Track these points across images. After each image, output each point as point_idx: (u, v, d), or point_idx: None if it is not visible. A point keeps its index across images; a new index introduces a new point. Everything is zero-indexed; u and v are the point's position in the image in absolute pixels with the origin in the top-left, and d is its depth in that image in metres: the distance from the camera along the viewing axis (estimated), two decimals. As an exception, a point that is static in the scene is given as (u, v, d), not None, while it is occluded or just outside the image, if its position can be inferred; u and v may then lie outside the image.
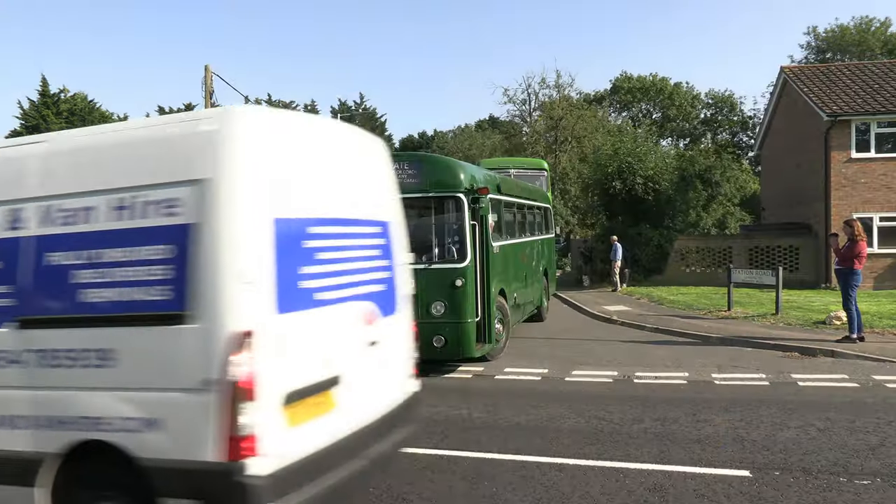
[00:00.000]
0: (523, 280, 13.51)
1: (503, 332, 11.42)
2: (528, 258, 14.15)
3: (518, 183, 15.40)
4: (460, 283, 9.80)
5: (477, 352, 10.18)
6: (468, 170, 10.75)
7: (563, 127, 38.80)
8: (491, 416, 7.79)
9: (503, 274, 11.55)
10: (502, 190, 12.29)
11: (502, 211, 12.18)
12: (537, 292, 15.29)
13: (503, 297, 11.44)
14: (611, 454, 6.32)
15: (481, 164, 22.09)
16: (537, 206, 16.21)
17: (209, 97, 24.22)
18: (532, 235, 15.18)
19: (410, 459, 6.27)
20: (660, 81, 55.48)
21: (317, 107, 61.93)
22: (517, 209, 13.98)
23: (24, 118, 53.36)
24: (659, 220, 26.20)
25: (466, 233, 9.96)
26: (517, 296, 12.75)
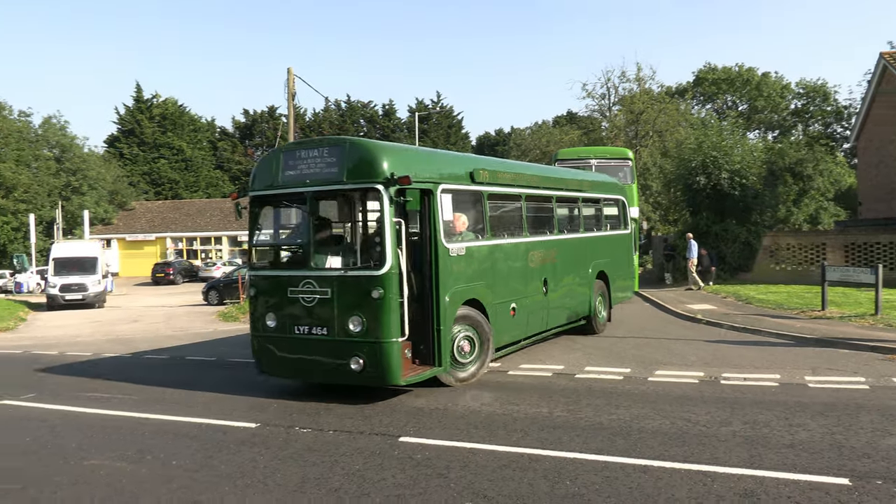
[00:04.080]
0: (536, 287, 11.29)
1: (475, 353, 9.44)
2: (549, 261, 11.78)
3: (545, 170, 13.49)
4: (378, 295, 7.99)
5: (408, 378, 8.34)
6: (396, 154, 8.68)
7: (644, 121, 37.91)
8: (572, 415, 7.68)
9: (479, 281, 9.64)
10: (487, 179, 10.19)
11: (486, 205, 10.05)
12: (577, 301, 12.87)
13: (479, 309, 9.55)
14: (698, 457, 6.11)
15: (559, 154, 21.70)
16: (587, 199, 13.98)
17: (291, 99, 24.84)
18: (568, 233, 12.98)
19: (490, 456, 6.25)
20: (746, 72, 53.50)
21: (394, 106, 62.64)
22: (534, 202, 11.96)
23: (120, 122, 56.21)
24: (746, 216, 25.23)
25: (387, 233, 8.04)
26: (516, 306, 10.57)
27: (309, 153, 8.65)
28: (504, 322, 10.24)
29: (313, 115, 61.02)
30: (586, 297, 13.19)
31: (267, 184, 8.98)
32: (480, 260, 9.77)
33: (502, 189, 10.70)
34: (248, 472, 6.00)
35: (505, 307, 10.30)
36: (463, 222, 9.74)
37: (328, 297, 8.32)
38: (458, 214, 9.60)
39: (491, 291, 9.88)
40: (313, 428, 7.39)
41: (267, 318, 8.84)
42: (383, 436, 7.01)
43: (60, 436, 7.41)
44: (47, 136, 52.13)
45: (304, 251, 8.84)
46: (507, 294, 10.39)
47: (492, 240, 10.18)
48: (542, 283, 11.48)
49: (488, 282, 9.87)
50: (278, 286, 8.79)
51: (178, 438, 7.16)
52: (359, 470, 5.97)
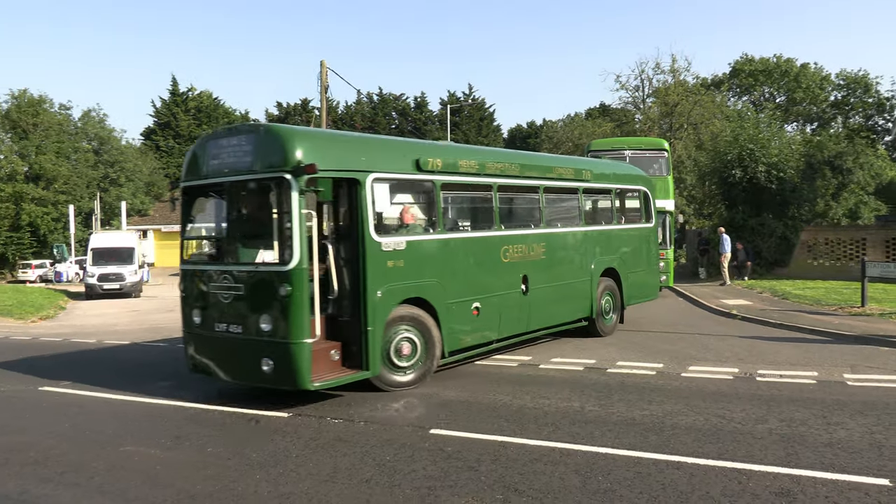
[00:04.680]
0: (512, 285, 10.40)
1: (418, 356, 8.77)
2: (532, 257, 10.80)
3: (529, 158, 12.37)
4: (285, 292, 7.44)
5: (325, 382, 7.73)
6: (310, 141, 8.02)
7: (679, 113, 37.39)
8: (603, 409, 7.61)
9: (427, 278, 8.93)
10: (441, 168, 9.30)
11: (439, 196, 9.24)
12: (574, 300, 11.81)
13: (427, 308, 8.91)
14: (732, 454, 6.01)
15: (591, 145, 21.33)
16: (591, 189, 12.74)
17: (324, 92, 24.96)
18: (562, 226, 11.90)
19: (521, 450, 6.22)
20: (784, 63, 52.30)
21: (426, 98, 62.64)
22: (512, 192, 11.15)
23: (156, 115, 57.09)
24: (783, 210, 24.80)
25: (295, 226, 7.48)
26: (481, 306, 9.76)
27: (229, 141, 8.27)
28: (464, 322, 9.51)
29: (345, 107, 61.33)
30: (586, 297, 12.11)
31: (193, 174, 8.68)
32: (430, 255, 9.08)
33: (464, 179, 9.86)
34: (280, 461, 6.05)
35: (465, 306, 9.52)
36: (411, 214, 9.21)
37: (243, 294, 7.93)
38: (406, 206, 9.21)
39: (443, 289, 9.12)
40: (344, 418, 7.43)
41: (193, 313, 8.52)
42: (414, 427, 7.02)
43: (98, 422, 7.56)
44: (86, 128, 53.19)
45: (223, 245, 8.63)
46: (469, 292, 9.60)
47: (446, 233, 9.47)
48: (522, 280, 10.56)
49: (441, 279, 9.13)
50: (201, 281, 8.48)
51: (212, 426, 7.25)
52: (389, 461, 5.99)
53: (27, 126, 50.25)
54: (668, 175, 20.06)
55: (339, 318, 8.29)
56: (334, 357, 8.11)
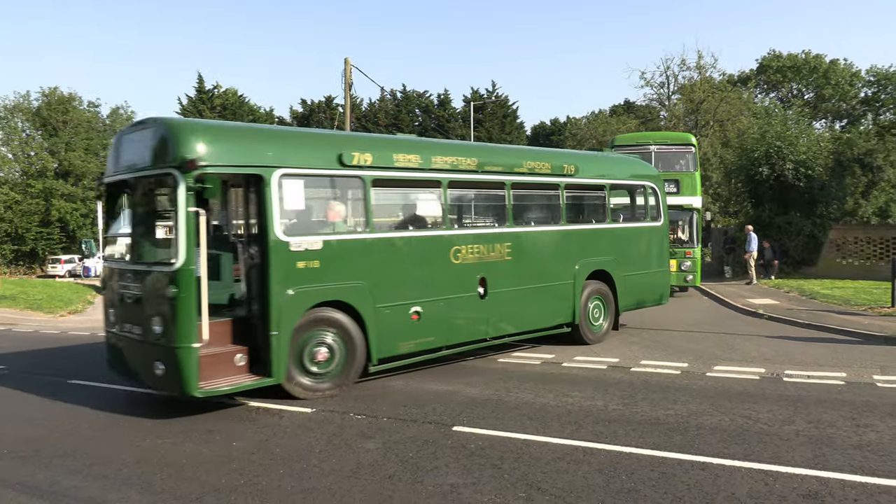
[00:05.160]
0: (465, 288, 9.69)
1: (336, 362, 8.29)
2: (493, 258, 10.02)
3: (493, 151, 11.74)
4: (171, 294, 7.09)
5: (210, 388, 7.30)
6: (203, 135, 7.51)
7: (705, 110, 37.00)
8: (627, 408, 7.56)
9: (351, 280, 8.38)
10: (371, 163, 8.68)
11: (369, 193, 8.65)
12: (550, 305, 10.98)
13: (347, 313, 8.36)
14: (758, 455, 5.95)
15: (616, 140, 20.96)
16: (575, 185, 11.66)
17: (349, 89, 25.06)
18: (536, 225, 11.26)
19: (544, 448, 6.20)
20: (813, 59, 51.51)
21: (450, 95, 62.58)
22: (468, 188, 10.57)
23: (182, 113, 57.66)
24: (811, 209, 24.43)
25: (181, 225, 7.09)
26: (423, 310, 9.13)
27: (134, 136, 8.04)
28: (400, 328, 8.93)
29: (369, 104, 61.47)
30: (567, 301, 11.20)
31: (110, 170, 8.52)
32: (354, 256, 8.50)
33: (402, 174, 9.19)
34: (303, 456, 6.09)
35: (401, 311, 8.92)
36: (336, 212, 8.81)
37: (140, 295, 7.72)
38: (331, 203, 8.86)
39: (371, 292, 8.54)
40: (367, 414, 7.46)
41: (108, 312, 8.48)
42: (437, 424, 7.03)
43: (125, 415, 7.67)
44: (115, 125, 53.93)
45: (128, 243, 8.38)
46: (406, 295, 8.99)
47: (377, 233, 8.81)
48: (479, 283, 9.85)
49: (369, 281, 8.55)
50: (112, 280, 8.38)
51: (237, 421, 7.32)
52: (412, 458, 6.01)
53: (57, 123, 51.13)
54: (696, 171, 19.64)
55: (251, 321, 7.91)
56: (239, 362, 7.69)
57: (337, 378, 8.32)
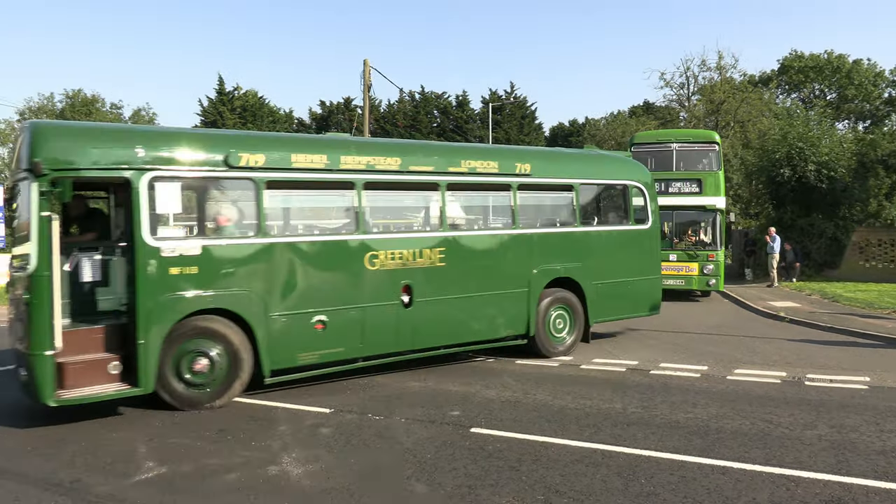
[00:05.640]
0: (384, 296, 9.03)
1: (215, 373, 7.83)
2: (422, 263, 9.33)
3: (424, 148, 10.75)
4: (25, 300, 6.90)
5: (68, 396, 7.04)
6: (58, 137, 7.29)
7: (725, 111, 36.72)
8: (646, 411, 7.51)
9: (239, 287, 7.94)
10: (263, 164, 8.20)
11: (262, 195, 8.17)
12: (497, 315, 10.12)
13: (235, 321, 7.95)
14: (780, 460, 5.88)
15: (635, 138, 20.54)
16: (531, 185, 10.75)
17: (367, 90, 25.14)
18: (481, 229, 10.54)
19: (562, 450, 6.18)
20: (836, 59, 50.89)
21: (468, 97, 62.58)
22: (391, 190, 9.79)
23: (203, 115, 58.17)
24: (833, 210, 24.16)
25: (34, 229, 6.86)
26: (329, 319, 8.56)
27: (18, 140, 7.85)
28: (300, 338, 8.42)
29: (388, 106, 61.64)
30: (519, 311, 10.32)
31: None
32: (242, 262, 8.05)
33: (304, 176, 8.65)
34: (322, 457, 6.11)
35: (301, 320, 8.41)
36: (225, 216, 8.51)
37: (12, 300, 7.77)
38: (221, 206, 8.59)
39: (263, 300, 8.09)
40: (385, 415, 7.47)
41: None
42: (455, 426, 7.03)
43: (146, 414, 7.73)
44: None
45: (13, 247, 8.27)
46: (309, 304, 8.47)
47: (271, 238, 8.35)
48: (402, 290, 9.19)
49: (261, 288, 8.10)
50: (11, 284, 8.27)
51: (256, 420, 7.36)
52: (430, 459, 6.01)
53: (80, 125, 51.72)
54: (719, 170, 19.12)
55: (129, 328, 7.64)
56: (113, 370, 7.43)
57: (218, 389, 7.88)
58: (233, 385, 7.97)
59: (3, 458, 6.25)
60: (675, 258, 18.64)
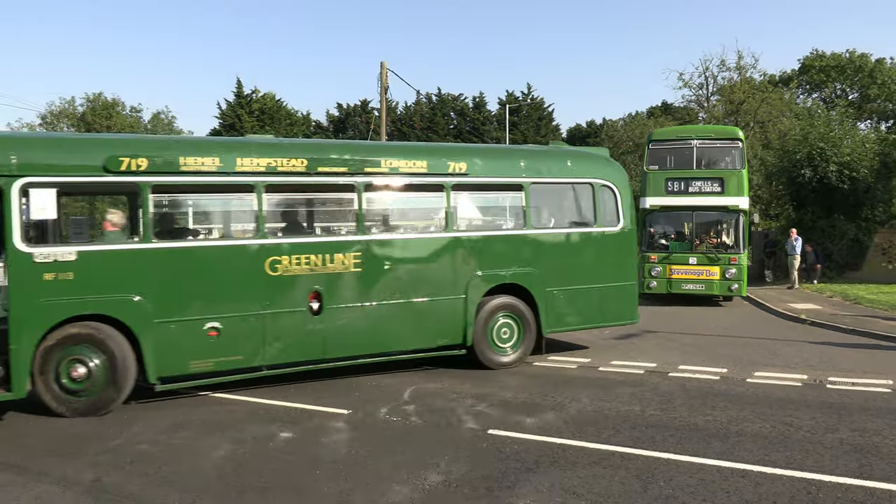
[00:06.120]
0: (289, 303, 8.70)
1: (92, 381, 7.68)
2: (335, 269, 8.93)
3: (336, 148, 10.01)
4: None
5: None
6: None
7: (745, 111, 36.35)
8: (665, 414, 7.46)
9: (123, 293, 7.83)
10: (146, 168, 8.00)
11: (148, 200, 8.00)
12: (425, 323, 9.54)
13: (117, 328, 7.82)
14: (801, 463, 5.82)
15: (653, 135, 19.87)
16: (467, 185, 10.05)
17: (384, 93, 25.21)
18: (406, 233, 9.96)
19: (580, 453, 6.16)
20: (858, 58, 50.26)
21: (485, 98, 62.57)
22: (297, 192, 9.55)
23: (221, 118, 58.65)
24: (855, 211, 23.84)
25: None
26: (223, 326, 8.29)
27: None
28: (190, 344, 8.19)
29: (405, 108, 61.78)
30: (455, 319, 9.69)
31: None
32: (126, 267, 7.95)
33: (196, 179, 8.38)
34: (339, 458, 6.14)
35: (191, 327, 8.18)
36: (109, 221, 8.40)
37: None
38: (106, 211, 8.43)
39: (146, 306, 7.91)
40: (403, 417, 7.49)
41: None
42: (472, 427, 7.02)
43: (166, 415, 7.80)
44: (156, 130, 55.05)
45: None
46: (199, 310, 8.24)
47: (157, 242, 8.12)
48: (311, 297, 8.82)
49: (146, 294, 7.92)
50: None
51: (275, 422, 7.40)
52: (448, 460, 6.01)
53: (101, 128, 52.34)
54: (743, 168, 18.05)
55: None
56: None
57: (94, 397, 7.72)
58: (113, 393, 7.80)
59: (25, 457, 6.34)
60: (694, 262, 17.93)
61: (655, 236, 18.74)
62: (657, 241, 18.67)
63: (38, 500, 5.29)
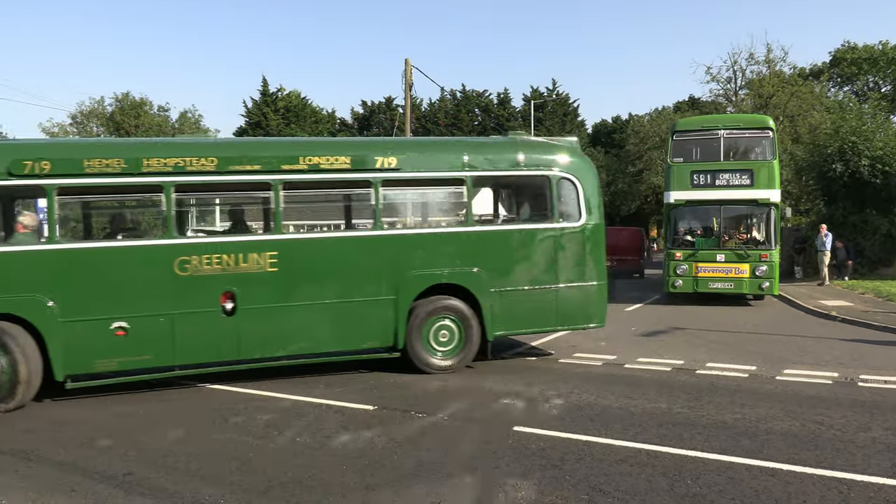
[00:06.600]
0: (199, 303, 8.65)
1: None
2: (248, 269, 8.81)
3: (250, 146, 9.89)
4: None
5: None
6: None
7: (774, 105, 35.85)
8: (693, 411, 7.39)
9: (14, 293, 8.02)
10: (50, 171, 8.16)
11: (53, 201, 8.17)
12: (356, 326, 9.24)
13: (23, 327, 8.00)
14: (831, 462, 5.73)
15: (678, 125, 19.12)
16: (395, 181, 9.59)
17: (409, 90, 25.25)
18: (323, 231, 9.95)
19: (606, 450, 6.13)
20: (891, 50, 49.28)
21: (509, 94, 62.37)
22: (207, 191, 9.43)
23: (247, 115, 59.18)
24: (888, 207, 23.40)
25: None
26: (131, 326, 8.35)
27: None
28: (97, 344, 8.27)
29: (429, 104, 61.85)
30: (387, 321, 9.34)
31: None
32: (28, 268, 8.13)
33: (102, 181, 8.42)
34: (365, 453, 6.18)
35: (98, 326, 8.26)
36: (20, 224, 8.58)
37: None
38: (25, 214, 8.56)
39: (49, 306, 8.05)
40: (428, 413, 7.51)
41: None
42: (497, 424, 7.02)
43: (195, 410, 7.92)
44: (183, 129, 55.67)
45: None
46: (105, 310, 8.31)
47: (60, 244, 8.29)
48: (224, 297, 8.73)
49: (52, 294, 8.08)
50: None
51: (301, 418, 7.47)
52: (472, 457, 6.02)
53: (129, 128, 53.07)
54: (774, 159, 17.09)
55: None
56: None
57: (4, 395, 7.89)
58: (16, 391, 7.90)
59: (62, 449, 6.47)
60: (722, 258, 17.16)
61: (681, 233, 18.17)
62: (683, 237, 18.11)
63: (73, 493, 5.39)
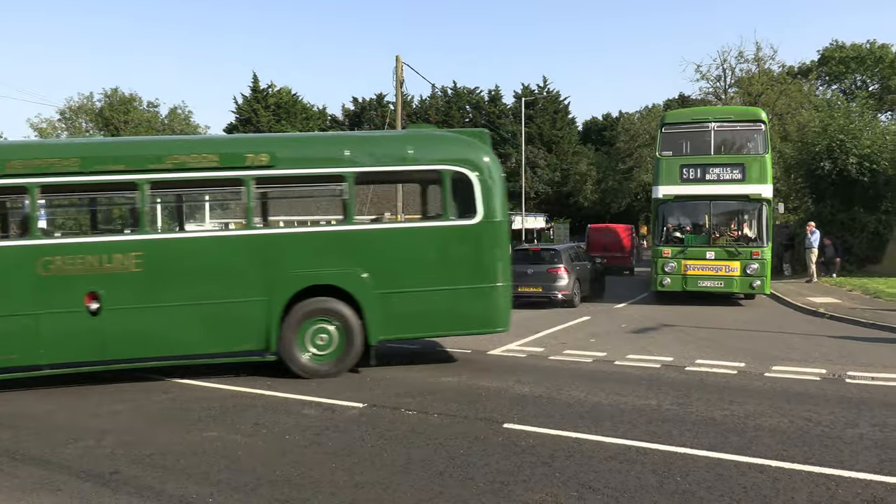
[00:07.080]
0: (62, 303, 8.66)
1: None
2: (113, 269, 8.76)
3: (111, 146, 9.99)
4: None
5: None
6: None
7: (763, 103, 35.98)
8: (682, 408, 7.41)
9: None
10: None
11: None
12: (224, 327, 9.02)
13: None
14: (819, 459, 5.76)
15: (666, 118, 18.82)
16: (281, 177, 9.36)
17: (400, 86, 25.18)
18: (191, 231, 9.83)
19: (596, 447, 6.13)
20: (879, 49, 49.64)
21: (500, 91, 62.38)
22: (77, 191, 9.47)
23: (238, 112, 58.93)
24: (875, 204, 23.57)
25: None
26: None
27: None
28: None
29: (420, 101, 61.80)
30: (259, 323, 9.06)
31: None
32: None
33: None
34: (355, 451, 6.16)
35: None
36: None
37: None
38: None
39: None
40: (418, 410, 7.49)
41: None
42: (487, 421, 7.02)
43: (183, 408, 7.87)
44: (173, 125, 55.38)
45: None
46: None
47: None
48: (89, 298, 8.67)
49: None
50: None
51: (290, 415, 7.44)
52: (462, 454, 6.01)
53: (118, 123, 52.77)
54: (766, 153, 16.63)
55: None
56: None
57: None
58: None
59: (47, 448, 6.42)
60: (712, 256, 16.71)
61: (669, 229, 17.78)
62: (671, 234, 17.77)
63: (59, 492, 5.35)
